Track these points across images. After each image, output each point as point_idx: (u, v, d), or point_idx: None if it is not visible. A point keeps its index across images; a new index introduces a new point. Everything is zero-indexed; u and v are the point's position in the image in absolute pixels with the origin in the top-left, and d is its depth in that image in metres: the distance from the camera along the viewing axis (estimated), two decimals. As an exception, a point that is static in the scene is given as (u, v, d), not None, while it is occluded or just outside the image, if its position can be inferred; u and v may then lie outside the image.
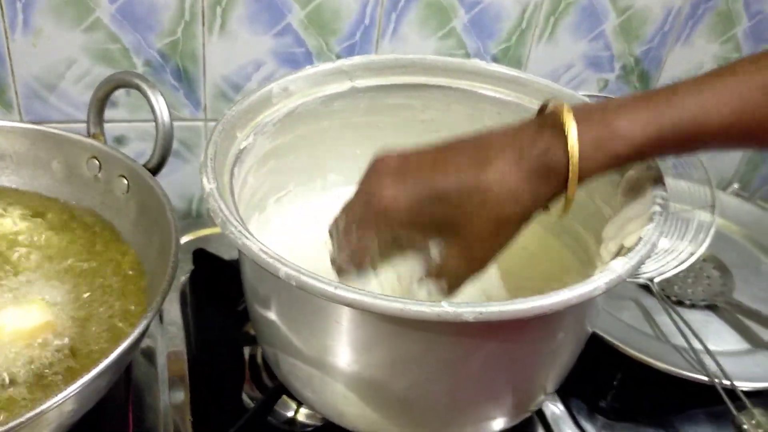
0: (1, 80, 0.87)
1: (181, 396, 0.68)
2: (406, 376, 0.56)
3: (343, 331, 0.54)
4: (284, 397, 0.71)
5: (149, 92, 0.69)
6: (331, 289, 0.47)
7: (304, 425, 0.70)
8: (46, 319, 0.64)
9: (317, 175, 0.79)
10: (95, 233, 0.73)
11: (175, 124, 0.90)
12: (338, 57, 0.95)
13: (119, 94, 0.87)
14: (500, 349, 0.55)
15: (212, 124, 0.74)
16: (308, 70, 0.72)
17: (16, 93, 0.89)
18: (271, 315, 0.58)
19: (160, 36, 0.88)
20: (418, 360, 0.54)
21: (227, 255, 0.85)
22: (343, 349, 0.55)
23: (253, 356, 0.76)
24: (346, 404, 0.60)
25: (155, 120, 0.70)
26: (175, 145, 0.83)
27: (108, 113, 0.82)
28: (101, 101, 0.73)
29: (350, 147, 0.77)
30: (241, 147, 0.65)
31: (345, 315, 0.52)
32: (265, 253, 0.49)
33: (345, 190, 0.57)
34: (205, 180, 0.57)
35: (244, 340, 0.77)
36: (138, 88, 0.70)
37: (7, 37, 0.84)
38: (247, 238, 0.51)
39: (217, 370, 0.73)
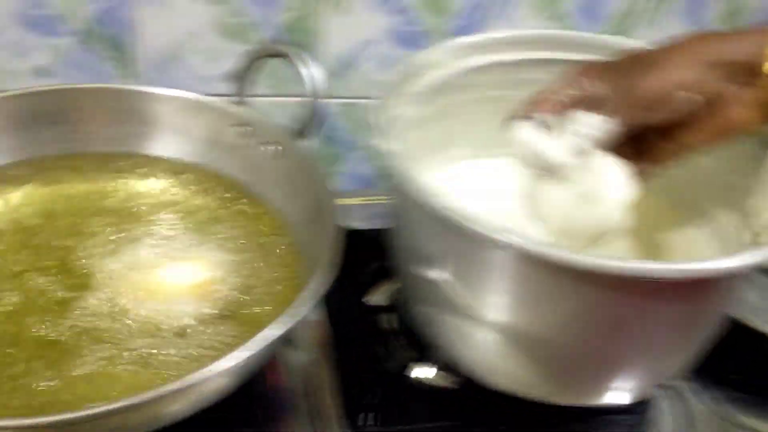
0: (128, 51, 0.89)
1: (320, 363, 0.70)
2: (568, 332, 0.58)
3: (516, 284, 0.55)
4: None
5: (300, 63, 0.71)
6: (537, 248, 0.49)
7: (439, 388, 0.71)
8: (205, 277, 0.65)
9: (446, 148, 0.81)
10: (239, 200, 0.75)
11: (285, 100, 0.94)
12: (450, 36, 0.97)
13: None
14: (671, 310, 0.56)
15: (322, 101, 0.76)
16: (452, 42, 0.73)
17: (141, 64, 0.91)
18: (437, 274, 0.59)
19: (280, 11, 0.90)
20: (584, 315, 0.55)
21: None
22: (512, 304, 0.57)
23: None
24: (498, 362, 0.62)
25: (307, 91, 0.71)
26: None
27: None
28: (249, 69, 0.75)
29: (480, 122, 0.79)
30: (393, 115, 0.66)
31: (521, 267, 0.54)
32: (454, 210, 0.51)
33: (471, 164, 0.58)
34: (383, 142, 0.59)
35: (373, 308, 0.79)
36: (288, 58, 0.71)
37: (135, 8, 0.86)
38: (434, 195, 0.52)
39: (351, 336, 0.75)
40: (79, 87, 0.75)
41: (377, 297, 0.80)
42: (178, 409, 0.52)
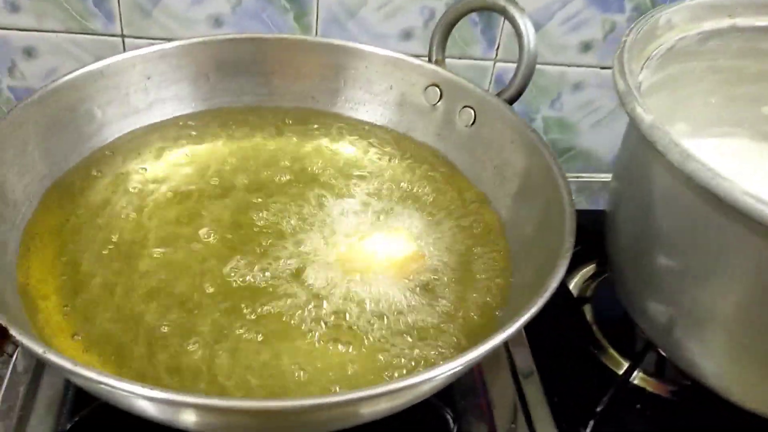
0: (305, 2, 0.84)
1: (527, 361, 0.63)
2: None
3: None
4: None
5: (517, 16, 0.64)
6: None
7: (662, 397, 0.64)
8: (414, 249, 0.60)
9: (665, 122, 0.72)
10: (430, 165, 0.69)
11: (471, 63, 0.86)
12: (652, -2, 0.87)
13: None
14: None
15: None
16: (689, 2, 0.64)
17: (317, 17, 0.85)
18: (684, 264, 0.52)
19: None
20: None
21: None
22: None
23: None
24: (740, 371, 0.54)
25: (521, 47, 0.64)
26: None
27: (9, 18, 0.76)
28: (450, 25, 0.68)
29: (706, 94, 0.70)
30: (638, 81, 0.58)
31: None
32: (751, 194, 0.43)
33: (689, 143, 0.50)
34: (641, 110, 0.51)
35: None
36: (503, 12, 0.64)
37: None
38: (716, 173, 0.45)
39: (556, 331, 0.68)
40: (273, 37, 0.70)
41: (574, 285, 0.73)
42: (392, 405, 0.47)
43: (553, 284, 0.47)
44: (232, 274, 0.56)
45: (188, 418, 0.43)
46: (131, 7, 0.82)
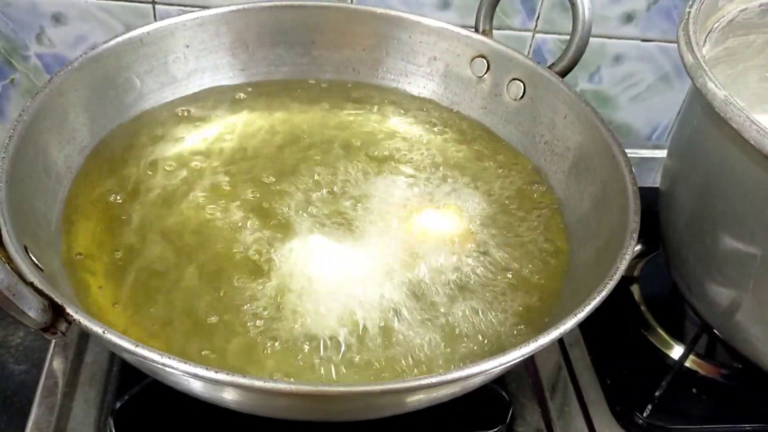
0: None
1: (578, 343, 0.62)
2: None
3: None
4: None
5: (573, -14, 0.61)
6: None
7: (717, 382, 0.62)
8: (463, 225, 0.58)
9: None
10: (477, 139, 0.67)
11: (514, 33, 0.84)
12: (699, -32, 0.84)
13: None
14: None
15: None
16: (752, -28, 0.61)
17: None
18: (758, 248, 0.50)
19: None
20: None
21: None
22: None
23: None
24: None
25: (576, 16, 0.62)
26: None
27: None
28: (499, -5, 0.66)
29: (761, 68, 0.67)
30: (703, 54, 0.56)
31: None
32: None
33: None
34: (712, 85, 0.48)
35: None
36: (558, -20, 0.61)
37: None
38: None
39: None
40: (313, 4, 0.68)
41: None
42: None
43: (622, 266, 0.46)
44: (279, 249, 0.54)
45: (247, 400, 0.41)
46: (163, -28, 0.79)
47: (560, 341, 0.62)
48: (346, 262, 0.53)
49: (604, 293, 0.44)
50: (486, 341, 0.50)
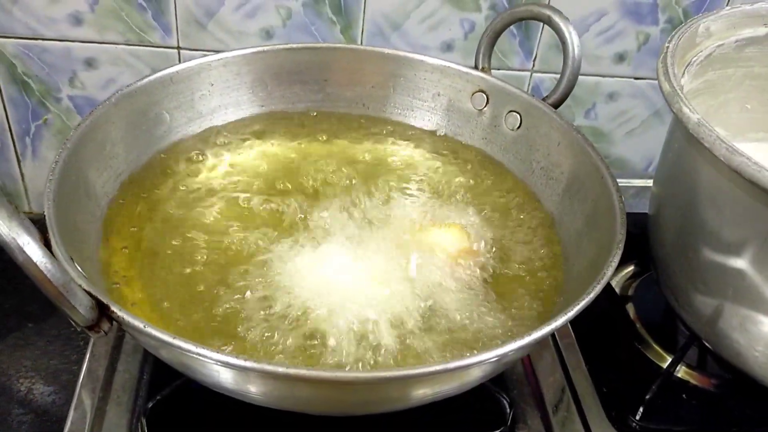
0: (351, 15, 0.88)
1: (575, 354, 0.66)
2: None
3: None
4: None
5: (562, 25, 0.67)
6: None
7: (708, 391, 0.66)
8: (468, 244, 0.63)
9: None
10: (479, 166, 0.72)
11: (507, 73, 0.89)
12: (685, 11, 0.90)
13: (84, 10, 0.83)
14: None
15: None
16: (727, 11, 0.67)
17: (362, 29, 0.89)
18: (741, 262, 0.54)
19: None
20: None
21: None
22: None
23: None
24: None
25: (566, 54, 0.67)
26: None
27: (73, 31, 0.80)
28: (496, 34, 0.72)
29: (742, 100, 0.73)
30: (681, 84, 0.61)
31: None
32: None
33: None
34: (687, 110, 0.54)
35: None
36: (549, 21, 0.68)
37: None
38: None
39: (599, 326, 0.70)
40: (326, 46, 0.75)
41: (616, 284, 0.75)
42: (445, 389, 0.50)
43: (608, 272, 0.50)
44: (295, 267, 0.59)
45: (269, 390, 0.46)
46: (188, 20, 0.86)
47: (559, 354, 0.66)
48: (352, 275, 0.58)
49: (592, 295, 0.48)
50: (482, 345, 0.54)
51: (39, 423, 0.81)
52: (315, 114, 0.75)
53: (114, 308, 0.44)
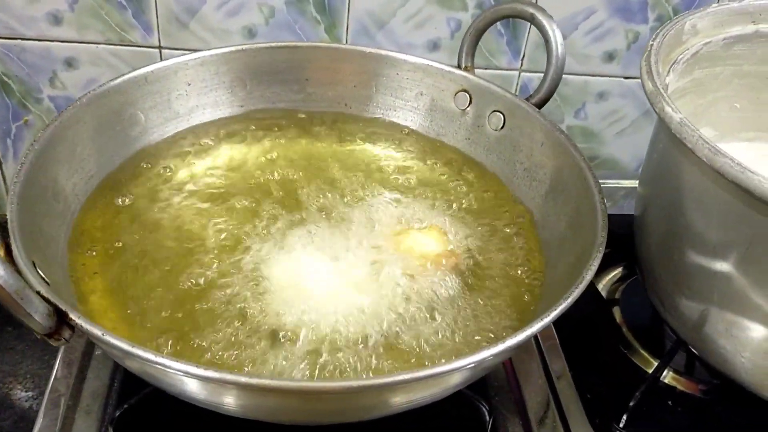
0: (336, 13, 0.86)
1: (559, 359, 0.64)
2: None
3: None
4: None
5: (546, 23, 0.66)
6: None
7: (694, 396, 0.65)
8: (447, 247, 0.61)
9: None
10: (461, 167, 0.71)
11: (494, 72, 0.88)
12: (674, 9, 0.89)
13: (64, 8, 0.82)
14: None
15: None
16: (714, 8, 0.66)
17: (347, 28, 0.88)
18: (728, 266, 0.53)
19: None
20: None
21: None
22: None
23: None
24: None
25: (549, 53, 0.66)
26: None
27: (53, 31, 0.79)
28: (480, 32, 0.70)
29: (731, 99, 0.71)
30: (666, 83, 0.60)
31: None
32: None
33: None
34: (670, 110, 0.52)
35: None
36: (532, 19, 0.66)
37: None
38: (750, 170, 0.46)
39: (586, 331, 0.69)
40: (307, 45, 0.73)
41: (603, 287, 0.74)
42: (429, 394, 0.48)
43: (588, 276, 0.49)
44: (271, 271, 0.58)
45: (236, 400, 0.44)
46: (169, 19, 0.85)
47: (542, 359, 0.64)
48: (330, 277, 0.57)
49: (570, 299, 0.46)
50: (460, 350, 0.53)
51: (15, 428, 0.80)
52: (295, 114, 0.74)
53: (72, 315, 0.42)
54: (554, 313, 0.46)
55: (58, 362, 0.60)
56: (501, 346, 0.44)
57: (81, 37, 0.85)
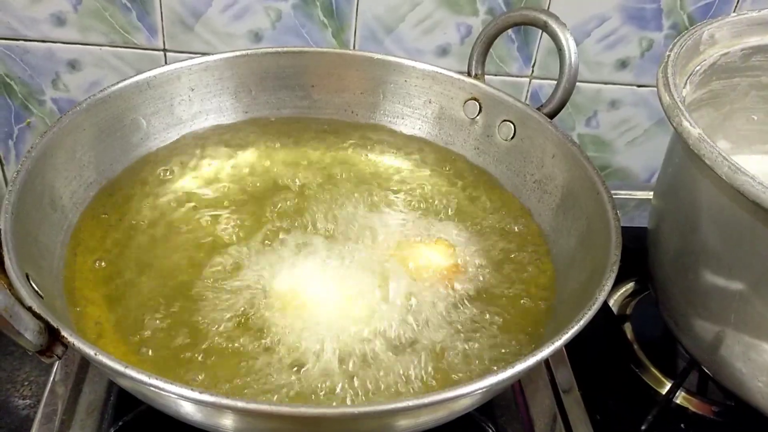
0: (343, 17, 0.85)
1: (568, 378, 0.62)
2: None
3: None
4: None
5: (559, 31, 0.64)
6: None
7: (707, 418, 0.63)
8: (453, 260, 0.60)
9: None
10: (469, 178, 0.69)
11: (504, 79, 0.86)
12: (690, 17, 0.87)
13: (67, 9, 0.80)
14: None
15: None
16: (732, 18, 0.64)
17: (355, 33, 0.86)
18: (746, 287, 0.51)
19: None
20: None
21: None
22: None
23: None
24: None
25: (562, 62, 0.64)
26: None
27: (55, 32, 0.78)
28: (490, 40, 0.69)
29: (748, 110, 0.70)
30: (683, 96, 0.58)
31: None
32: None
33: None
34: (687, 124, 0.50)
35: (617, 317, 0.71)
36: (545, 27, 0.64)
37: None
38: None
39: (596, 348, 0.67)
40: (314, 50, 0.71)
41: (614, 303, 0.72)
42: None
43: (600, 297, 0.47)
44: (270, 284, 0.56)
45: (232, 422, 0.43)
46: (174, 21, 0.83)
47: (551, 377, 0.62)
48: (335, 290, 0.55)
49: (582, 322, 0.45)
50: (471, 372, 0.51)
51: (12, 438, 0.78)
52: (301, 121, 0.72)
53: (64, 333, 0.41)
54: (565, 337, 0.44)
55: (53, 374, 0.58)
56: (510, 371, 0.42)
57: (84, 39, 0.84)
